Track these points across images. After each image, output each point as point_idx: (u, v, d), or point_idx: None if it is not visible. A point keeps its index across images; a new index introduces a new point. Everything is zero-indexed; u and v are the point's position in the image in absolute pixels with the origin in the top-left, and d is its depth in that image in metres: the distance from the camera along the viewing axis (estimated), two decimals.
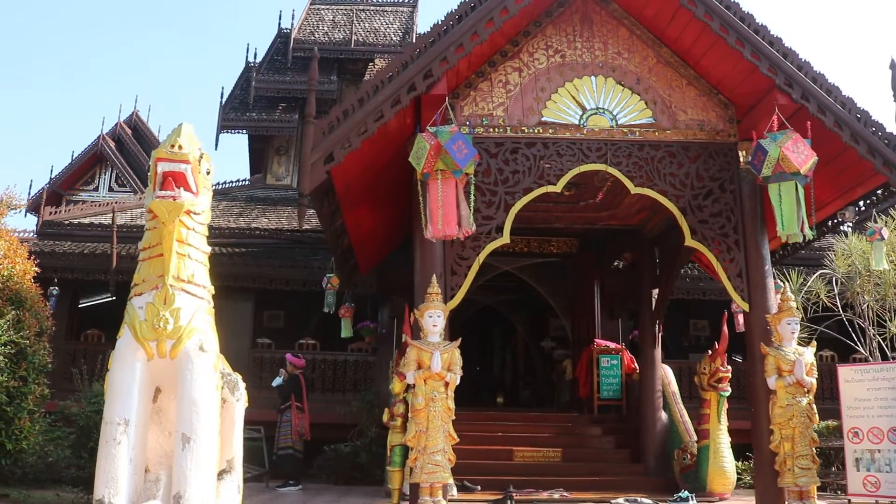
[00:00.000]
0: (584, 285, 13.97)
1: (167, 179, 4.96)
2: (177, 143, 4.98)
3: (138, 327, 5.01)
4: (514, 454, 11.30)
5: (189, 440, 4.89)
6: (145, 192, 5.22)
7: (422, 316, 8.22)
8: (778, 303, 8.58)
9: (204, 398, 5.01)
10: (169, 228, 4.99)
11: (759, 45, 8.41)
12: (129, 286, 5.32)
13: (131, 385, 4.98)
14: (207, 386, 5.07)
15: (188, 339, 5.04)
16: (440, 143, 7.82)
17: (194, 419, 4.93)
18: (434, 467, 7.94)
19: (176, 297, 5.05)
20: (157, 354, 5.02)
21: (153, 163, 5.05)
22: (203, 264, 5.28)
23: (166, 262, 5.04)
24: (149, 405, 5.15)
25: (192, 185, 5.06)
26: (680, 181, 8.95)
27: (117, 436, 4.86)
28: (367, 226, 10.65)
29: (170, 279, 5.04)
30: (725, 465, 10.12)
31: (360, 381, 14.06)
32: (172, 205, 4.89)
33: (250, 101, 17.68)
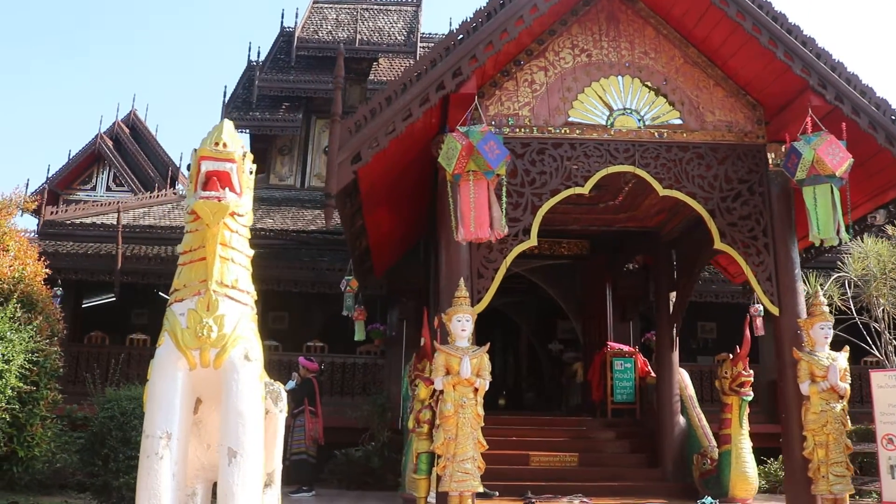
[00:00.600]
0: (595, 287, 13.73)
1: (211, 179, 4.65)
2: (221, 141, 4.67)
3: (180, 335, 4.69)
4: (531, 459, 11.02)
5: (235, 454, 4.58)
6: (186, 192, 4.91)
7: (450, 320, 7.93)
8: (809, 307, 8.36)
9: (250, 410, 4.71)
10: (213, 231, 4.68)
11: (793, 45, 8.18)
12: (134, 287, 5.00)
13: (173, 396, 4.66)
14: (253, 397, 4.77)
15: (233, 347, 4.73)
16: (472, 144, 7.54)
17: (241, 432, 4.62)
18: (464, 475, 7.66)
19: (220, 303, 4.74)
20: (199, 364, 4.71)
21: (195, 161, 4.73)
22: (246, 268, 4.97)
23: (209, 267, 4.73)
24: (190, 417, 4.84)
25: (236, 185, 4.75)
26: (708, 183, 8.71)
27: (159, 450, 4.54)
28: (386, 227, 10.35)
29: (213, 284, 4.73)
30: (748, 471, 9.87)
31: (369, 384, 13.75)
32: (217, 206, 4.58)
33: (253, 100, 17.34)
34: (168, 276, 14.13)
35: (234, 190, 4.71)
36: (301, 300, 14.50)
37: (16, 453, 8.27)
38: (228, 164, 4.67)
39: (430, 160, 9.11)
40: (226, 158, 4.66)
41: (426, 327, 10.01)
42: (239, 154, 4.76)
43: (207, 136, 4.79)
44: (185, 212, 4.86)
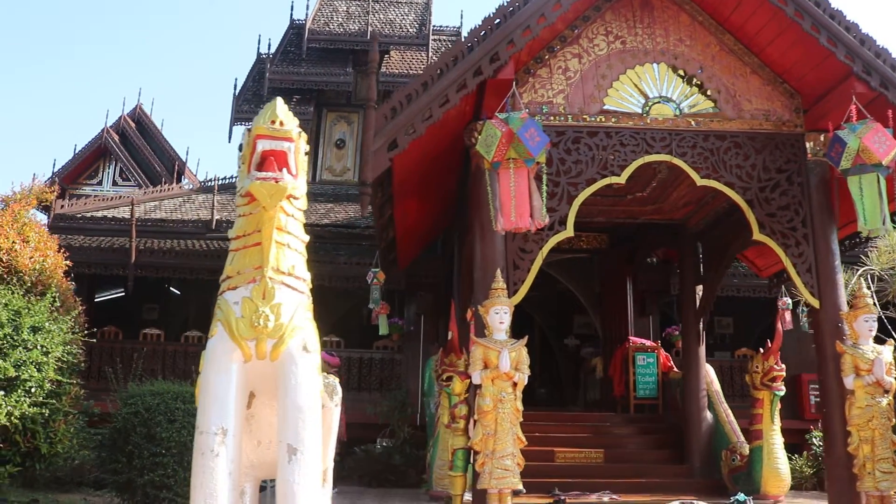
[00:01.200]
0: (614, 281, 13.44)
1: (267, 159, 4.33)
2: (277, 119, 4.37)
3: (234, 325, 4.38)
4: (556, 455, 10.73)
5: (296, 451, 4.28)
6: (239, 172, 4.59)
7: (487, 312, 7.65)
8: (852, 299, 8.09)
9: (310, 404, 4.40)
10: (269, 214, 4.36)
11: (836, 30, 7.91)
12: (145, 282, 4.69)
13: (227, 389, 4.35)
14: (313, 390, 4.46)
15: (291, 338, 4.42)
16: (512, 131, 7.24)
17: (301, 428, 4.32)
18: (503, 472, 7.38)
19: (276, 291, 4.43)
20: (255, 355, 4.40)
21: (250, 140, 4.42)
22: (302, 255, 4.66)
23: (265, 252, 4.41)
24: (244, 412, 4.54)
25: (292, 166, 4.44)
26: (746, 173, 8.44)
27: (215, 447, 4.23)
28: (413, 218, 10.05)
29: (269, 271, 4.42)
30: (780, 467, 9.62)
31: (386, 380, 13.44)
32: (274, 188, 4.26)
33: (264, 93, 16.96)
34: (181, 270, 13.90)
35: (290, 171, 4.41)
36: (316, 294, 14.13)
37: (38, 450, 7.94)
38: (286, 143, 4.36)
39: (461, 149, 8.82)
40: (283, 137, 4.35)
41: (454, 321, 9.73)
42: (296, 133, 4.46)
43: (261, 113, 4.47)
44: (239, 194, 4.54)
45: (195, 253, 14.01)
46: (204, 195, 16.81)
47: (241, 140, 4.60)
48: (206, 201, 16.21)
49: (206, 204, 15.91)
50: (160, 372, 12.29)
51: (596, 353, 14.42)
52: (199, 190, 17.37)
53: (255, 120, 4.50)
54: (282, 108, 4.45)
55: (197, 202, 16.45)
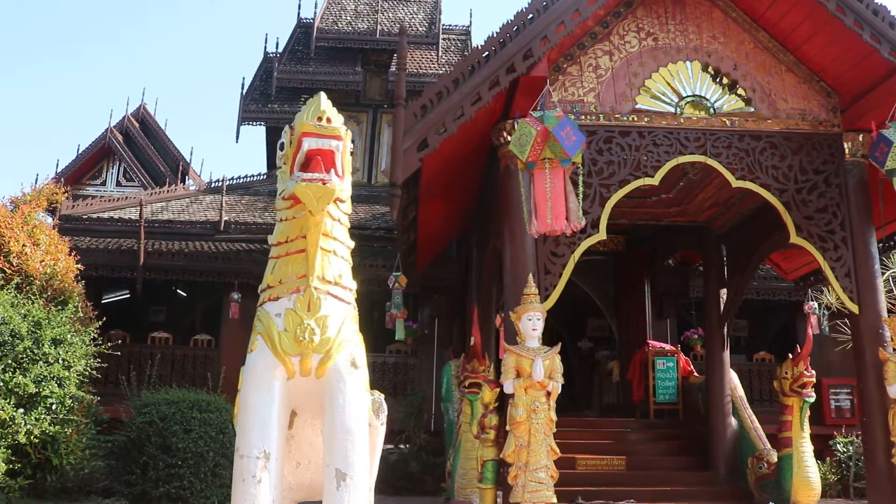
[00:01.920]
0: (632, 284, 13.07)
1: (314, 159, 3.93)
2: (324, 116, 3.96)
3: (277, 339, 3.98)
4: (577, 462, 10.33)
5: (345, 477, 3.89)
6: (280, 173, 4.18)
7: (519, 319, 7.26)
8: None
9: (359, 426, 4.01)
10: (316, 219, 3.96)
11: (881, 26, 7.54)
12: (152, 284, 4.29)
13: (270, 409, 3.96)
14: (361, 410, 4.07)
15: (338, 353, 4.03)
16: (547, 129, 6.84)
17: (350, 451, 3.92)
18: (537, 485, 7.00)
19: (322, 302, 4.04)
20: (298, 372, 4.01)
21: (295, 138, 4.02)
22: (348, 262, 4.27)
23: (311, 260, 4.02)
24: (285, 433, 4.14)
25: (339, 166, 4.04)
26: (783, 174, 8.06)
27: (257, 472, 3.84)
28: (436, 220, 9.66)
29: (314, 280, 4.02)
30: (810, 475, 9.21)
31: (400, 384, 13.03)
32: (322, 190, 3.86)
33: (271, 92, 16.56)
34: (189, 272, 13.45)
35: (337, 172, 4.00)
36: None
37: (50, 461, 7.52)
38: (334, 141, 3.96)
39: (487, 149, 8.44)
40: (331, 135, 3.95)
41: (476, 326, 9.32)
42: (344, 131, 4.06)
43: (305, 109, 4.06)
44: (280, 197, 4.14)
45: (203, 255, 13.59)
46: (212, 196, 16.38)
47: (283, 138, 4.19)
48: (213, 202, 15.79)
49: (214, 205, 15.49)
50: (170, 377, 11.86)
51: (612, 357, 14.04)
52: (207, 191, 16.94)
53: (298, 116, 4.09)
54: (328, 104, 4.04)
55: (205, 203, 16.02)
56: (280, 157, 4.20)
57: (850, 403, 13.28)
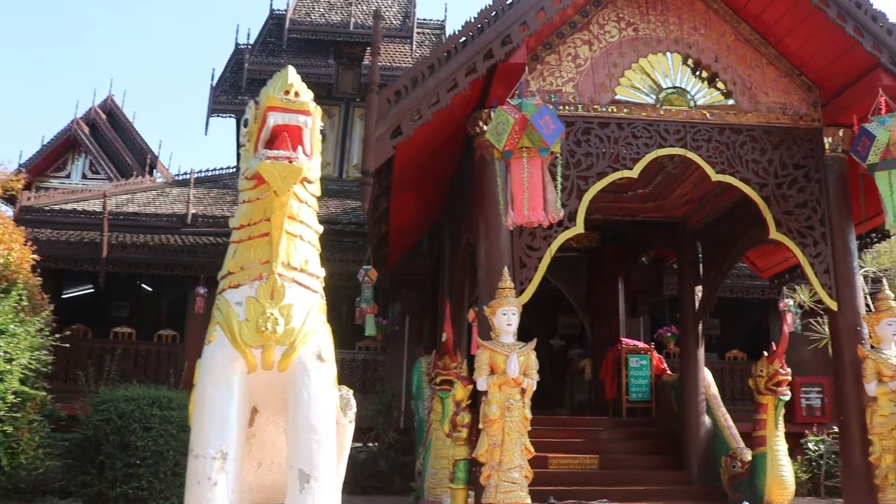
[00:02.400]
0: (605, 281, 12.81)
1: (280, 135, 3.61)
2: (292, 89, 3.64)
3: (237, 329, 3.65)
4: (549, 461, 10.05)
5: (309, 478, 3.56)
6: (243, 151, 3.84)
7: (494, 314, 6.97)
8: (875, 301, 7.56)
9: (325, 423, 3.68)
10: (281, 200, 3.64)
11: (864, 19, 7.36)
12: (116, 278, 3.96)
13: (228, 406, 3.63)
14: (328, 407, 3.74)
15: (303, 345, 3.71)
16: (525, 117, 6.52)
17: (315, 451, 3.60)
18: (511, 486, 6.71)
19: (286, 289, 3.71)
20: (260, 365, 3.68)
21: (259, 113, 3.69)
22: (316, 248, 3.94)
23: (275, 245, 3.69)
24: (245, 431, 3.80)
25: (307, 144, 3.72)
26: (763, 168, 7.85)
27: (213, 474, 3.50)
28: (408, 212, 9.32)
29: (278, 266, 3.69)
30: (784, 474, 9.01)
31: (369, 381, 12.68)
32: (288, 169, 3.54)
33: (242, 84, 16.07)
34: (155, 266, 12.96)
35: (305, 150, 3.68)
36: None
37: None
38: (302, 116, 3.64)
39: (462, 139, 8.13)
40: (299, 110, 3.63)
41: (448, 322, 9.03)
42: (313, 106, 3.73)
43: (271, 83, 3.75)
44: (243, 176, 3.80)
45: (169, 248, 13.15)
46: (179, 189, 15.88)
47: (247, 114, 3.85)
48: (181, 195, 15.29)
49: (182, 198, 15.00)
50: (132, 373, 11.40)
51: (584, 355, 13.80)
52: (174, 183, 16.44)
53: (264, 90, 3.77)
54: (296, 77, 3.72)
55: (171, 196, 15.53)
56: (244, 133, 3.87)
57: (820, 402, 13.18)
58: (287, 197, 3.63)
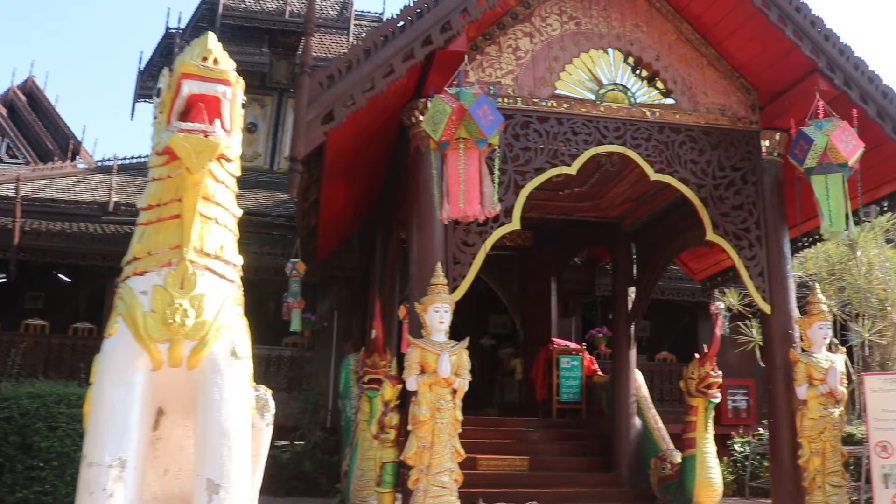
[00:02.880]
0: (538, 280, 12.63)
1: (196, 106, 3.21)
2: (211, 56, 3.24)
3: (141, 321, 3.23)
4: (479, 463, 9.79)
5: (218, 489, 3.17)
6: (154, 124, 3.43)
7: (425, 311, 6.64)
8: (807, 305, 7.50)
9: (238, 427, 3.29)
10: (195, 179, 3.24)
11: (802, 23, 7.27)
12: (30, 267, 3.53)
13: (129, 407, 3.20)
14: (242, 409, 3.35)
15: (216, 339, 3.31)
16: (463, 107, 6.17)
17: (226, 458, 3.21)
18: (440, 490, 6.39)
19: (198, 278, 3.31)
20: (167, 362, 3.27)
21: (173, 82, 3.28)
22: (234, 233, 3.54)
23: (186, 228, 3.28)
24: (149, 435, 3.39)
25: (226, 118, 3.33)
26: (701, 169, 7.72)
27: (108, 484, 3.08)
28: (339, 204, 8.90)
29: (190, 252, 3.29)
30: (712, 476, 8.91)
31: (295, 379, 12.19)
32: (203, 143, 3.15)
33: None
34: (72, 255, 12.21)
35: (224, 124, 3.29)
36: None
37: None
38: (221, 86, 3.25)
39: (396, 129, 7.80)
40: (218, 79, 3.23)
41: (378, 318, 8.67)
42: (234, 76, 3.34)
43: (189, 49, 3.34)
44: (154, 151, 3.39)
45: (88, 237, 12.45)
46: (101, 175, 15.10)
47: (160, 82, 3.44)
48: (103, 182, 14.53)
49: (104, 185, 14.25)
50: (42, 369, 10.71)
51: (515, 355, 13.59)
52: (97, 170, 15.64)
53: (179, 57, 3.36)
54: (216, 45, 3.32)
55: (93, 182, 14.75)
56: (156, 104, 3.46)
57: (746, 404, 13.26)
58: (201, 175, 3.23)
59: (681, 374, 8.89)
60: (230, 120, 3.35)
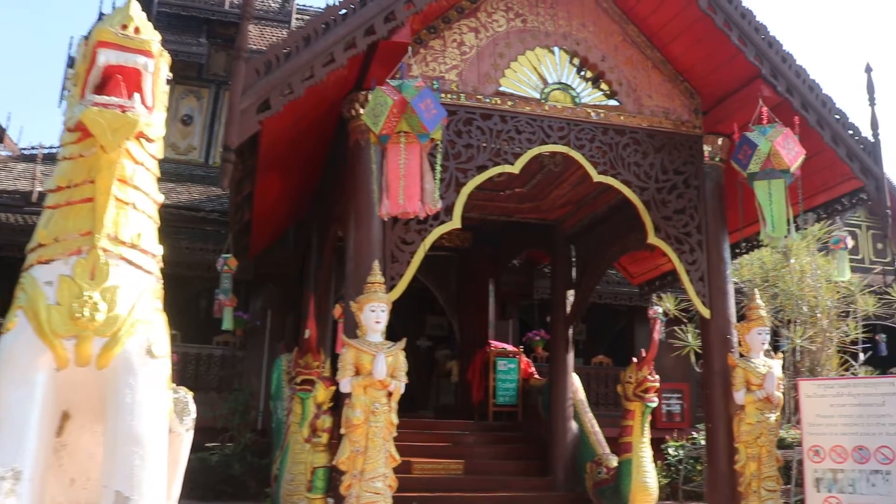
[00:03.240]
0: (476, 282, 12.43)
1: (113, 79, 2.90)
2: (131, 24, 2.93)
3: (45, 315, 2.90)
4: (413, 466, 9.52)
5: (127, 502, 2.84)
6: (68, 98, 3.09)
7: (361, 310, 6.35)
8: (746, 311, 7.46)
9: (153, 433, 2.97)
10: (110, 158, 2.91)
11: (747, 29, 7.22)
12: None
13: (28, 411, 2.86)
14: (157, 413, 3.03)
15: (130, 336, 2.98)
16: (405, 99, 5.91)
17: (137, 468, 2.89)
18: (373, 496, 6.11)
19: (111, 268, 2.98)
20: (73, 360, 2.94)
21: (88, 51, 2.96)
22: (154, 221, 3.22)
23: (99, 212, 2.96)
24: (51, 442, 3.04)
25: (148, 93, 3.01)
26: (644, 172, 7.61)
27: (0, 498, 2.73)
28: (273, 198, 8.54)
29: (103, 240, 2.97)
30: (648, 481, 8.82)
31: (226, 379, 11.73)
32: (120, 119, 2.83)
33: None
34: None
35: (145, 100, 2.98)
36: None
37: None
38: (142, 58, 2.93)
39: (336, 123, 7.50)
40: (138, 49, 2.92)
41: (312, 317, 8.35)
42: (157, 48, 3.02)
43: (107, 18, 3.01)
44: (66, 127, 3.04)
45: (9, 227, 11.81)
46: (25, 164, 14.38)
47: (76, 52, 3.10)
48: (27, 171, 13.83)
49: (28, 174, 13.56)
50: None
51: (452, 357, 13.37)
52: (20, 158, 14.88)
53: (97, 26, 3.03)
54: (139, 12, 3.01)
55: (16, 172, 14.02)
56: (69, 76, 3.11)
57: (680, 408, 13.31)
58: (117, 154, 2.91)
59: (617, 378, 8.79)
60: (152, 96, 3.04)
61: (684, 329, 11.87)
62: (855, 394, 7.47)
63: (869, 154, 7.52)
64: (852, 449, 7.36)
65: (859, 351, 11.77)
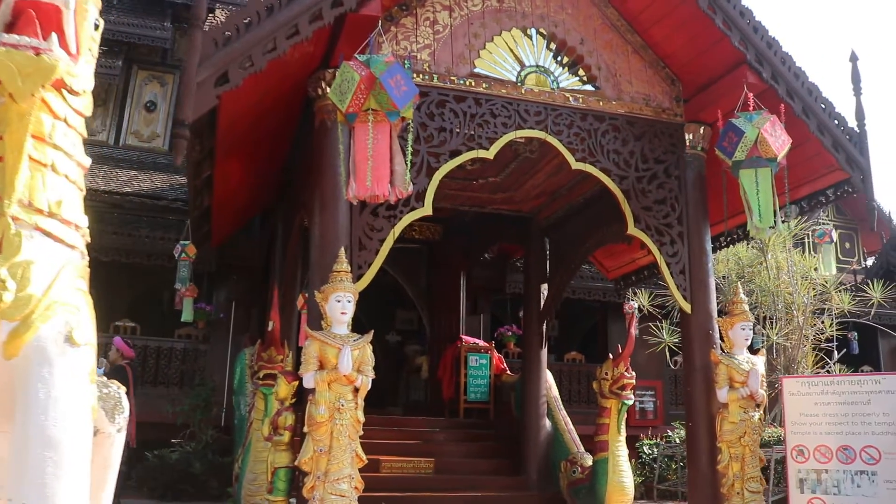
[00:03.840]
0: (447, 276, 12.01)
1: (25, 14, 2.40)
2: None
3: None
4: (382, 465, 9.11)
5: None
6: None
7: (326, 300, 5.90)
8: (729, 305, 7.12)
9: (71, 435, 2.49)
10: (21, 109, 2.43)
11: (732, 13, 6.87)
12: None
13: None
14: (77, 411, 2.54)
15: (45, 321, 2.49)
16: (373, 75, 5.46)
17: (50, 477, 2.40)
18: (338, 499, 5.67)
19: (24, 240, 2.49)
20: None
21: None
22: (79, 187, 2.73)
23: (9, 174, 2.47)
24: None
25: (70, 37, 2.53)
26: (624, 160, 7.24)
27: None
28: (235, 182, 8.03)
29: (13, 206, 2.48)
30: (625, 480, 8.47)
31: (188, 373, 11.19)
32: (33, 63, 2.35)
33: None
34: None
35: (65, 44, 2.49)
36: (108, 271, 11.51)
37: None
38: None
39: (301, 104, 7.03)
40: None
41: (276, 309, 7.89)
42: None
43: None
44: None
45: None
46: None
47: None
48: None
49: None
50: None
51: (422, 352, 12.94)
52: None
53: None
54: None
55: None
56: None
57: (653, 405, 13.01)
58: (30, 105, 2.43)
59: (590, 375, 8.44)
60: (77, 40, 2.56)
61: (658, 325, 11.55)
62: (840, 392, 7.17)
63: (855, 145, 7.22)
64: (837, 448, 7.06)
65: (833, 348, 11.53)
